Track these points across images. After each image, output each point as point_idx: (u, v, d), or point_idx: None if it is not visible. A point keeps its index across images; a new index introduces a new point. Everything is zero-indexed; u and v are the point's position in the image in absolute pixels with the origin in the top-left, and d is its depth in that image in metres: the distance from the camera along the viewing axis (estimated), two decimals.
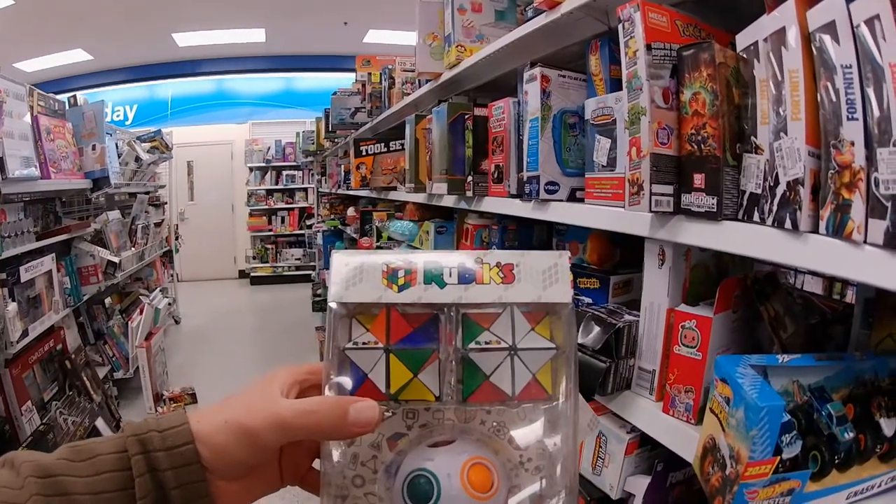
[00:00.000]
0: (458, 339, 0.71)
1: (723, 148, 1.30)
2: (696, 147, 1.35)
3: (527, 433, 0.71)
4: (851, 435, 1.16)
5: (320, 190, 10.64)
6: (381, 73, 5.53)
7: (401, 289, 0.71)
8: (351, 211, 6.84)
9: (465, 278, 0.72)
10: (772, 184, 1.18)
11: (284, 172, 14.58)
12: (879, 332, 1.42)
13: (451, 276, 0.72)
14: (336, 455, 0.70)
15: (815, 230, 1.08)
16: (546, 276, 0.72)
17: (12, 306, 3.95)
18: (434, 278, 0.72)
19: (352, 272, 0.73)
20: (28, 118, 4.34)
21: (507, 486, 0.68)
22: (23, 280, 4.19)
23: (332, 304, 0.72)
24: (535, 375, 0.70)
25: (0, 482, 0.64)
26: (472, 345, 0.71)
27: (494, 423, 0.71)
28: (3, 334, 3.87)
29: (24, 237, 4.32)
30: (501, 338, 0.71)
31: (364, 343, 0.71)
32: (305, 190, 14.50)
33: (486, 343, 0.71)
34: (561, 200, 2.03)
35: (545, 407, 0.71)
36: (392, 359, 0.71)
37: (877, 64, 0.94)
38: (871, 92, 0.95)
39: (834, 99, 1.02)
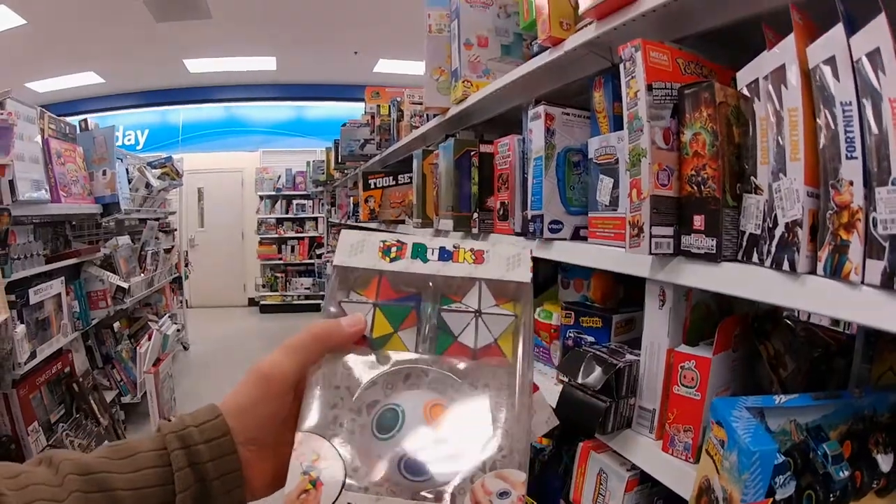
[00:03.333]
0: (434, 307, 0.82)
1: (722, 189, 1.31)
2: (696, 188, 1.35)
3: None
4: (847, 473, 1.16)
5: (330, 220, 10.64)
6: (389, 106, 5.56)
7: (392, 261, 0.84)
8: None
9: (444, 257, 0.84)
10: (770, 225, 1.19)
11: (295, 201, 14.56)
12: (880, 366, 1.42)
13: (433, 254, 0.85)
14: (316, 412, 0.75)
15: (813, 271, 1.09)
16: (510, 262, 0.84)
17: (21, 328, 3.96)
18: (419, 254, 0.85)
19: (355, 243, 0.86)
20: (39, 140, 4.38)
21: None
22: (31, 302, 4.21)
23: (337, 265, 0.85)
24: (496, 340, 0.79)
25: (38, 479, 0.66)
26: (444, 307, 0.82)
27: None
28: (11, 355, 3.89)
29: (33, 260, 4.34)
30: (469, 305, 0.82)
31: (357, 300, 0.83)
32: (315, 219, 14.46)
33: (456, 307, 0.82)
34: (564, 239, 2.04)
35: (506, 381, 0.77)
36: (377, 312, 0.82)
37: (877, 99, 0.95)
38: (870, 128, 0.96)
39: (833, 137, 1.03)
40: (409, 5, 8.57)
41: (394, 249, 0.85)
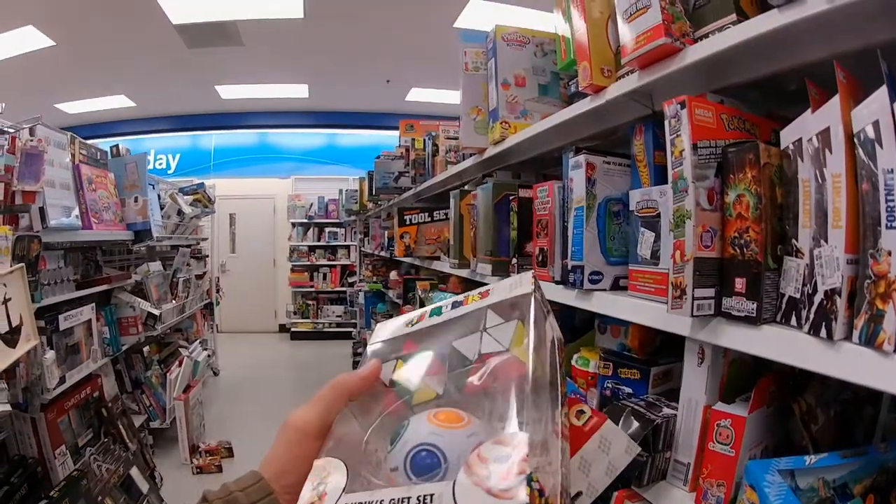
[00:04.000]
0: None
1: (764, 252, 1.31)
2: (738, 251, 1.36)
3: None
4: None
5: (363, 250, 10.66)
6: (424, 140, 5.53)
7: (413, 326, 0.96)
8: (394, 275, 6.79)
9: (456, 306, 0.94)
10: (810, 291, 1.19)
11: (327, 229, 14.64)
12: None
13: (447, 308, 0.95)
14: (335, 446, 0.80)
15: (849, 338, 1.09)
16: (512, 286, 0.91)
17: (50, 354, 4.01)
18: (435, 313, 0.96)
19: (385, 329, 1.00)
20: (69, 165, 4.42)
21: (480, 428, 0.72)
22: (62, 328, 4.24)
23: (370, 343, 0.98)
24: (508, 349, 0.81)
25: None
26: (455, 341, 0.87)
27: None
28: (41, 380, 3.94)
29: (63, 286, 4.38)
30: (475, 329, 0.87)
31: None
32: (348, 247, 14.54)
33: (465, 334, 0.87)
34: (604, 290, 2.03)
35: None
36: (399, 362, 0.90)
37: None
38: None
39: (874, 206, 1.03)
40: (442, 36, 8.68)
41: (415, 319, 0.98)
